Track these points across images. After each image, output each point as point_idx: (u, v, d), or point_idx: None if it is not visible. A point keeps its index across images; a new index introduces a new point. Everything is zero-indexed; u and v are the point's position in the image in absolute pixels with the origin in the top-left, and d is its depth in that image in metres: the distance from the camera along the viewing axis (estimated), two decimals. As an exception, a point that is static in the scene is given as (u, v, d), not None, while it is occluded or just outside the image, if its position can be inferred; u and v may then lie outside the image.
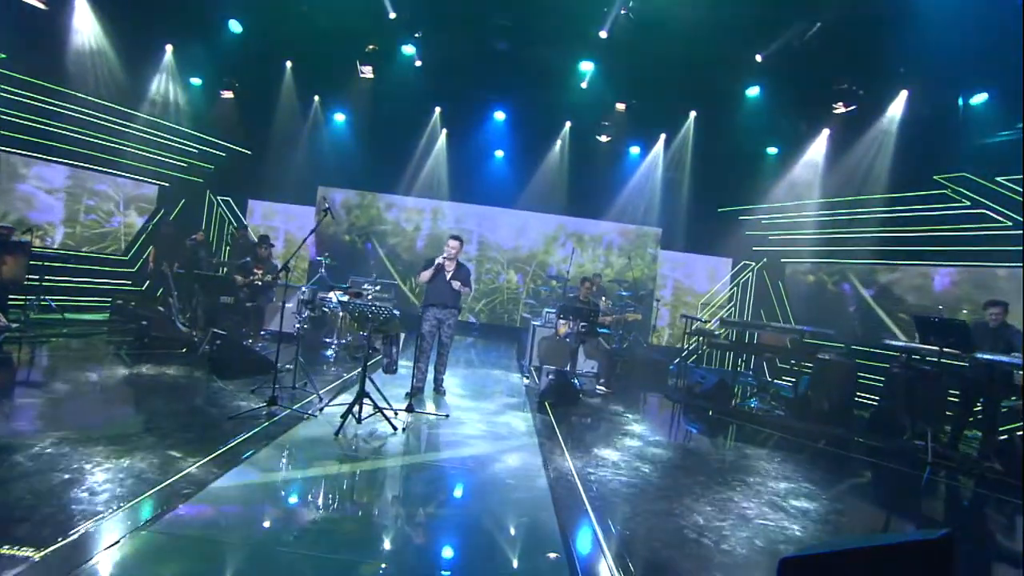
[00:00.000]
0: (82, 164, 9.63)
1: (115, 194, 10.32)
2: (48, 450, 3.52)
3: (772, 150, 11.55)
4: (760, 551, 3.31)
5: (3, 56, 8.39)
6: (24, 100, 8.66)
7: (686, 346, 10.14)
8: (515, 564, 2.93)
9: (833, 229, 10.33)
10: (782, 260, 11.53)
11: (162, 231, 10.44)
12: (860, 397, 8.05)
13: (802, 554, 2.90)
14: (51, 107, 9.00)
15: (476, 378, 7.88)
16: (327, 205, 5.38)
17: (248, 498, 3.29)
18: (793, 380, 8.41)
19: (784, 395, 7.89)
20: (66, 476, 3.19)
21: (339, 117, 12.68)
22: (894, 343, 6.63)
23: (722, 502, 4.05)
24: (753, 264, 12.35)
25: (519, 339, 11.08)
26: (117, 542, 2.57)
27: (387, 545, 2.98)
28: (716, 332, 9.96)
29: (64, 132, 9.22)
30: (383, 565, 2.75)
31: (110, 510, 2.85)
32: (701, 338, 8.79)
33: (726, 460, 5.33)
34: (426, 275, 6.22)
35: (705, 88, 10.06)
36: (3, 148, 8.66)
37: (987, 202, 8.27)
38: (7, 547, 2.38)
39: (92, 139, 9.65)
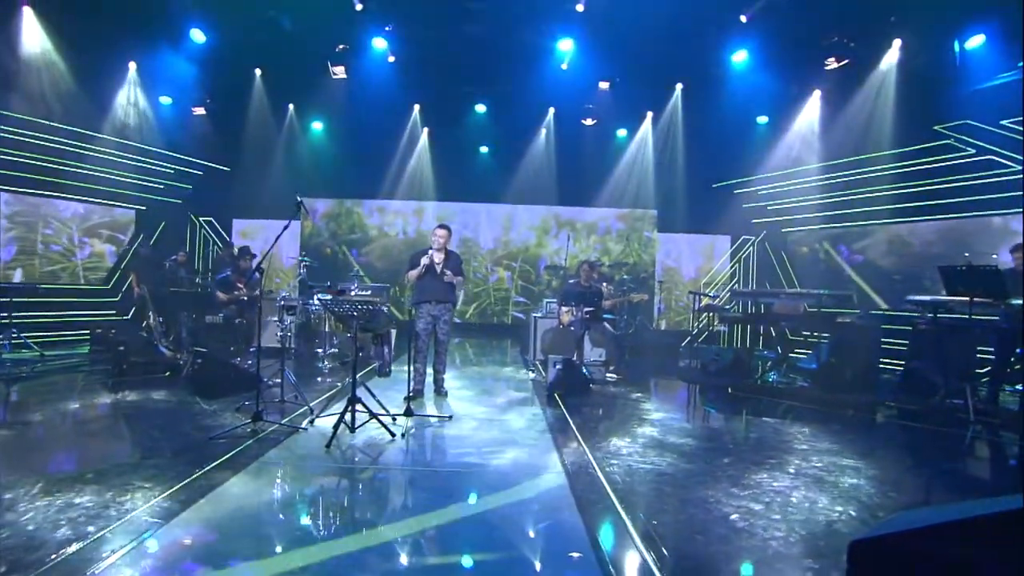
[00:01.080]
0: (44, 192, 9.15)
1: (83, 221, 9.86)
2: (18, 483, 3.10)
3: (763, 119, 11.18)
4: (813, 534, 2.90)
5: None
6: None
7: (695, 325, 9.74)
8: (539, 568, 2.51)
9: (835, 193, 9.95)
10: (783, 230, 11.15)
11: (141, 254, 10.00)
12: (885, 363, 7.66)
13: (873, 535, 2.49)
14: (17, 136, 8.55)
15: (478, 377, 7.47)
16: (300, 199, 4.96)
17: (223, 527, 2.86)
18: (809, 352, 8.03)
19: (804, 367, 7.49)
20: (30, 514, 2.76)
21: (316, 125, 12.27)
22: (918, 298, 6.23)
23: (759, 482, 3.64)
24: (753, 238, 11.98)
25: (519, 334, 10.69)
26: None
27: (393, 565, 2.56)
28: (726, 306, 9.54)
29: (21, 159, 8.71)
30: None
31: (63, 553, 2.42)
32: (711, 314, 8.39)
33: (755, 437, 4.91)
34: (414, 273, 5.82)
35: (690, 58, 9.69)
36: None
37: (993, 148, 7.93)
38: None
39: (53, 165, 9.14)
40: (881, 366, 7.43)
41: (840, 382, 6.50)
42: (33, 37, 8.27)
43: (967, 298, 5.55)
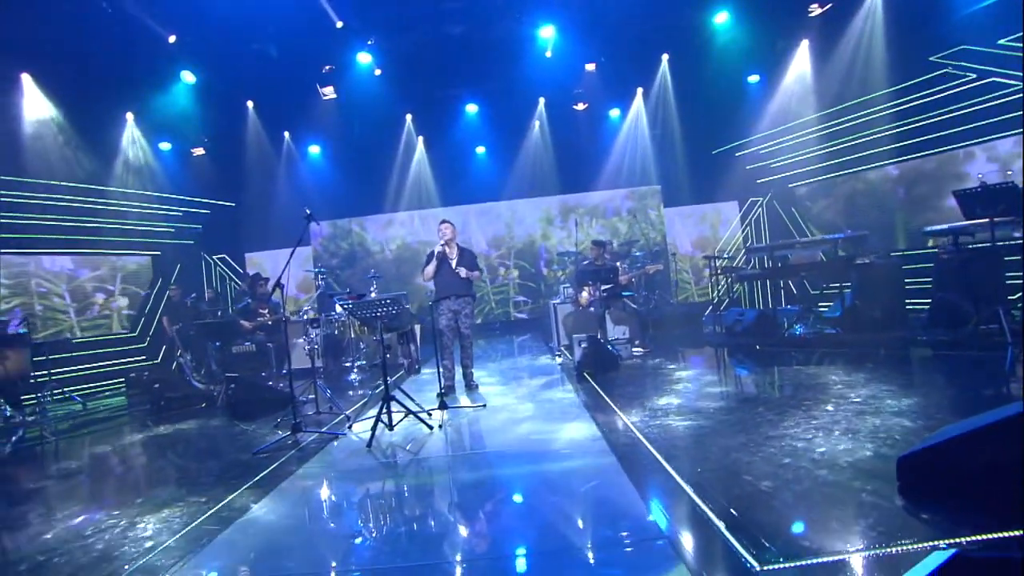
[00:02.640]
0: (61, 250, 9.40)
1: (104, 273, 10.10)
2: (82, 518, 3.21)
3: (754, 78, 11.09)
4: (861, 459, 2.89)
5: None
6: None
7: (716, 293, 9.67)
8: (598, 535, 2.55)
9: (837, 140, 9.83)
10: (789, 186, 11.04)
11: (171, 297, 10.24)
12: (911, 303, 7.54)
13: (917, 448, 2.51)
14: (29, 199, 8.81)
15: (504, 368, 7.51)
16: (308, 212, 5.05)
17: (280, 526, 2.93)
18: (832, 303, 7.93)
19: (829, 315, 7.40)
20: (95, 524, 2.86)
21: (314, 149, 12.43)
22: (936, 228, 6.13)
23: (799, 423, 3.63)
24: (760, 199, 11.86)
25: (531, 327, 10.72)
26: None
27: (451, 547, 2.60)
28: (742, 266, 9.46)
29: (35, 221, 8.96)
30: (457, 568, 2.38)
31: (136, 561, 2.51)
32: (729, 276, 8.34)
33: (788, 385, 4.89)
34: (429, 271, 5.88)
35: (672, 27, 9.66)
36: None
37: (993, 69, 7.77)
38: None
39: (66, 223, 9.38)
40: (908, 306, 7.33)
41: (868, 324, 6.42)
42: (35, 102, 8.51)
43: (986, 220, 5.47)
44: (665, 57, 11.08)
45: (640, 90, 11.88)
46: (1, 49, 7.56)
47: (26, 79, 8.35)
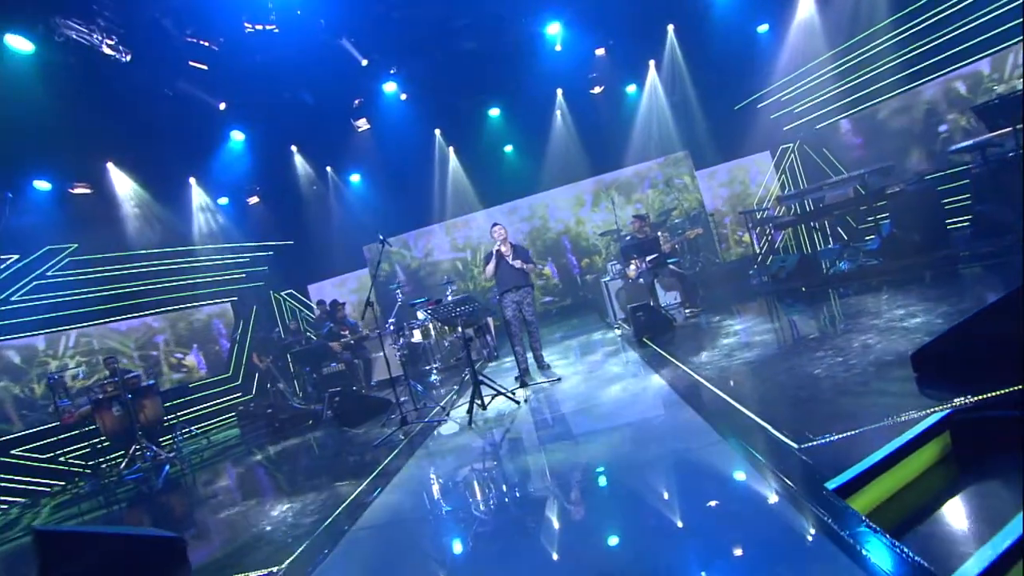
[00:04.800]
0: (156, 310, 10.71)
1: (200, 322, 11.33)
2: (252, 506, 4.04)
3: (763, 27, 11.22)
4: (896, 361, 3.33)
5: (75, 245, 9.54)
6: (100, 274, 9.83)
7: (762, 241, 9.88)
8: (674, 447, 3.13)
9: (858, 73, 9.88)
10: (817, 128, 11.14)
11: (259, 335, 11.40)
12: (952, 222, 7.64)
13: (927, 343, 2.96)
14: (128, 270, 10.12)
15: (568, 347, 8.10)
16: (381, 236, 5.77)
17: (420, 487, 3.66)
18: (872, 236, 8.09)
19: (870, 248, 7.61)
20: (278, 517, 3.67)
21: (354, 178, 13.34)
22: (962, 145, 6.31)
23: (838, 346, 4.06)
24: (791, 145, 11.97)
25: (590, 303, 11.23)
26: (331, 549, 2.99)
27: (565, 483, 3.24)
28: (777, 214, 9.69)
29: (143, 287, 10.35)
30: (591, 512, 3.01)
31: (315, 531, 3.28)
32: (767, 227, 8.63)
33: (832, 315, 5.28)
34: (489, 270, 6.52)
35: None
36: (97, 322, 9.81)
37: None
38: (255, 571, 2.82)
39: (164, 284, 10.72)
40: (949, 225, 7.44)
41: (909, 249, 6.64)
42: (121, 184, 9.77)
43: (1010, 128, 5.66)
44: (671, 28, 11.38)
45: (652, 62, 12.19)
46: (90, 146, 8.73)
47: (111, 167, 9.58)
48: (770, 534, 2.04)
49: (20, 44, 6.26)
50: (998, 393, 2.24)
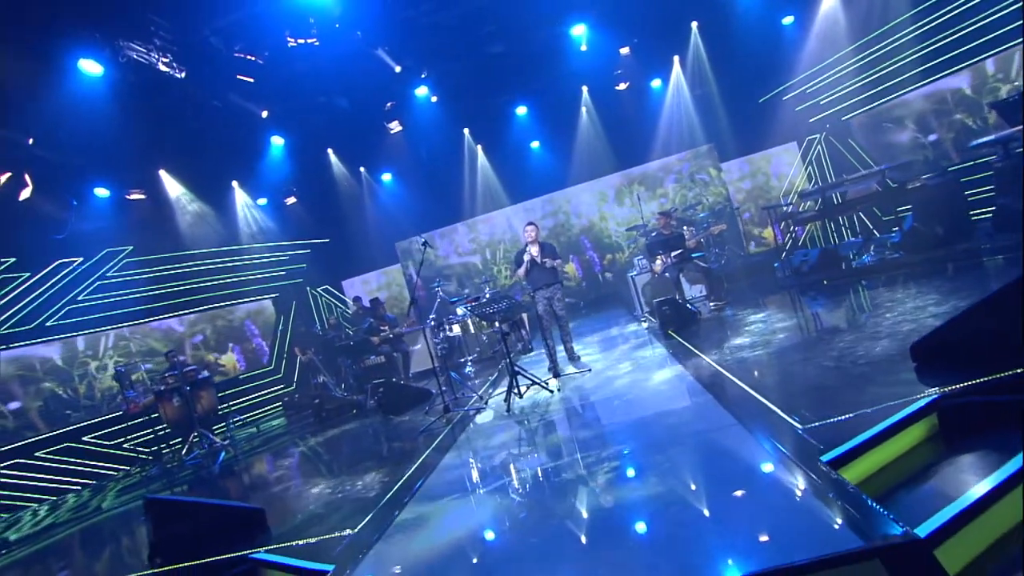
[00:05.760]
0: (204, 307, 11.46)
1: (241, 319, 12.02)
2: (316, 483, 4.54)
3: (788, 19, 11.28)
4: (894, 356, 3.61)
5: (131, 247, 10.27)
6: (155, 274, 10.59)
7: (786, 236, 10.06)
8: (693, 428, 3.49)
9: (884, 64, 9.91)
10: (843, 119, 11.18)
11: (301, 331, 12.04)
12: (975, 213, 7.71)
13: (925, 335, 3.24)
14: (177, 270, 10.83)
15: (597, 340, 8.45)
16: (423, 239, 6.20)
17: (470, 467, 4.09)
18: (896, 229, 8.19)
19: (893, 241, 7.75)
20: (339, 494, 4.15)
21: (386, 177, 13.85)
22: (983, 140, 6.43)
23: (852, 337, 4.33)
24: (817, 136, 12.04)
25: (626, 296, 11.53)
26: (396, 514, 3.44)
27: (597, 460, 3.63)
28: (800, 209, 9.83)
29: (191, 286, 11.09)
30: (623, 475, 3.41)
31: (380, 502, 3.74)
32: (789, 222, 8.81)
33: (850, 307, 5.53)
34: (521, 271, 6.90)
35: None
36: (164, 316, 10.60)
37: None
38: (336, 533, 3.30)
39: (211, 283, 11.49)
40: (973, 217, 7.51)
41: (930, 242, 6.78)
42: (173, 189, 10.45)
43: (1029, 124, 5.78)
44: (695, 24, 11.55)
45: (676, 58, 12.36)
46: (145, 155, 9.39)
47: (163, 174, 10.25)
48: (772, 497, 2.42)
49: (91, 68, 6.84)
50: (983, 380, 2.53)
